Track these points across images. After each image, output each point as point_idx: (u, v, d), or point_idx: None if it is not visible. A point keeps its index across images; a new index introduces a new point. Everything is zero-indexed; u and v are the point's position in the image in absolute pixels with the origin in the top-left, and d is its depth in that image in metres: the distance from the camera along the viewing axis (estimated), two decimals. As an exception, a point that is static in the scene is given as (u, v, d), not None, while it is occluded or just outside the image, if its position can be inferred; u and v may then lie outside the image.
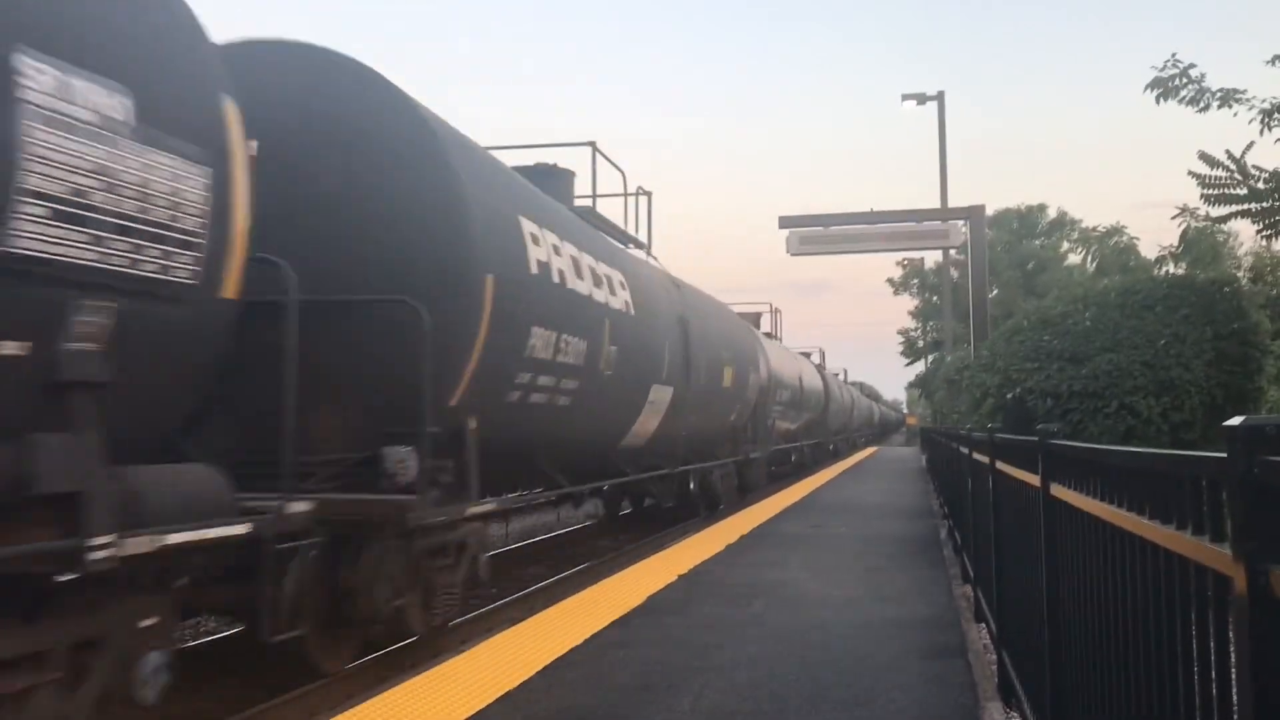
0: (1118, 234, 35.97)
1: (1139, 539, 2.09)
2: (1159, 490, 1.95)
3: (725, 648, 5.56)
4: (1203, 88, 10.13)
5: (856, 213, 22.35)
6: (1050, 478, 3.33)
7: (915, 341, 50.77)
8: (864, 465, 29.77)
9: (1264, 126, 9.88)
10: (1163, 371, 10.41)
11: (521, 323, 7.42)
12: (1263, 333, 11.13)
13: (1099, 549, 2.54)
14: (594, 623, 6.23)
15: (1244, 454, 1.43)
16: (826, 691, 4.66)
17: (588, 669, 5.11)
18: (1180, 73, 10.20)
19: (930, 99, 26.57)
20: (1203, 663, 1.72)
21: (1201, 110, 10.13)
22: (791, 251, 21.97)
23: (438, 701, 4.51)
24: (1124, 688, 2.29)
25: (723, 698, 4.57)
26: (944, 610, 6.69)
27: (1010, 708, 4.56)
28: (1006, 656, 4.82)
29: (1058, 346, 11.19)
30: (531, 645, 5.63)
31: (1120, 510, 2.24)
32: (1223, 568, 1.55)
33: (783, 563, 8.89)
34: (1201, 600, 1.72)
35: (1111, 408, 10.38)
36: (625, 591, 7.37)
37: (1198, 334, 10.72)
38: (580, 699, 4.57)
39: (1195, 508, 1.73)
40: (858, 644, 5.65)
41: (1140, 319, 11.10)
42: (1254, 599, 1.40)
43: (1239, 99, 9.99)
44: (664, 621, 6.30)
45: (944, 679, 4.89)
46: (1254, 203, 10.32)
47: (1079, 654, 2.91)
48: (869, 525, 12.22)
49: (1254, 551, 1.41)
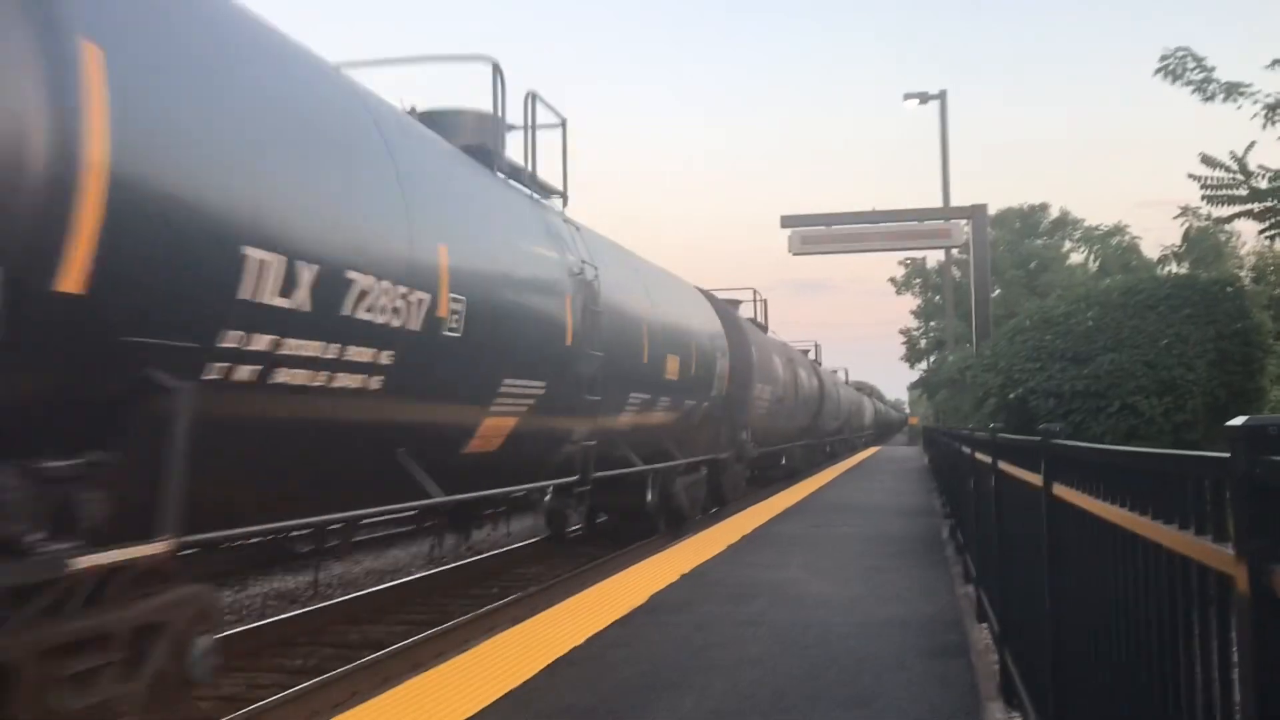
0: (1120, 233, 35.93)
1: (1141, 539, 2.09)
2: (1161, 490, 1.95)
3: (727, 647, 5.56)
4: (1210, 75, 10.12)
5: (858, 212, 22.34)
6: (1053, 478, 3.33)
7: (917, 341, 50.69)
8: (865, 465, 29.77)
9: (1267, 121, 9.87)
10: (1165, 371, 10.41)
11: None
12: (1265, 333, 11.13)
13: (1101, 549, 2.54)
14: (596, 622, 6.24)
15: (1246, 454, 1.44)
16: (828, 691, 4.66)
17: (590, 668, 5.11)
18: (1190, 54, 10.18)
19: (933, 98, 26.57)
20: (1205, 662, 1.72)
21: (1207, 99, 10.11)
22: (793, 251, 21.96)
23: (440, 700, 4.52)
24: (1126, 688, 2.29)
25: (725, 697, 4.57)
26: (946, 610, 6.68)
27: (1012, 707, 4.56)
28: (1009, 656, 4.82)
29: (1060, 346, 11.19)
30: (533, 644, 5.63)
31: (1123, 510, 2.24)
32: (1225, 567, 1.55)
33: (784, 563, 8.88)
34: (1204, 600, 1.72)
35: (1114, 408, 10.38)
36: (627, 591, 7.37)
37: (1200, 334, 10.72)
38: (582, 698, 4.57)
39: (1197, 508, 1.74)
40: (859, 643, 5.65)
41: (1143, 319, 11.09)
42: (1256, 598, 1.40)
43: (1244, 92, 9.98)
44: (666, 620, 6.30)
45: (946, 678, 4.89)
46: (1256, 202, 10.31)
47: (1081, 654, 2.92)
48: (871, 525, 12.21)
49: (1256, 551, 1.41)
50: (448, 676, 4.96)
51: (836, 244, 22.43)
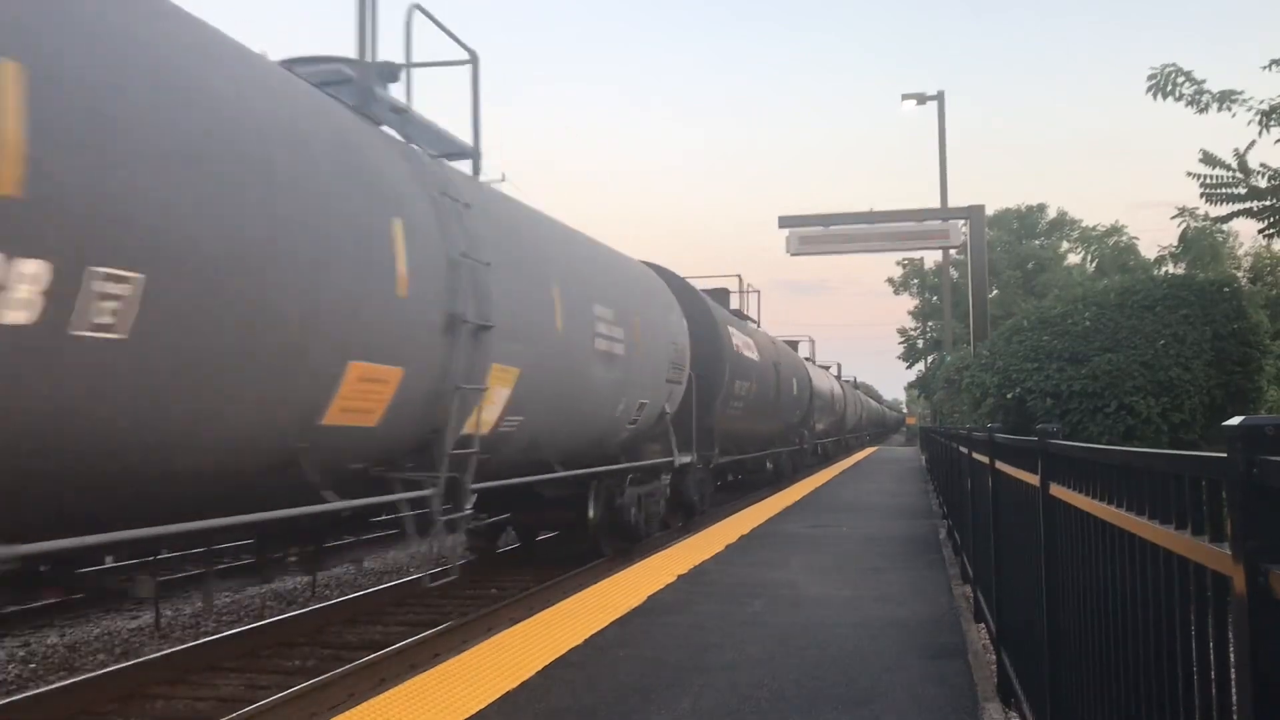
0: (1117, 234, 35.99)
1: (1138, 539, 2.09)
2: (1158, 490, 1.95)
3: (725, 648, 5.56)
4: (1201, 88, 10.13)
5: (856, 212, 22.33)
6: (1050, 478, 3.34)
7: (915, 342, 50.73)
8: (862, 466, 29.77)
9: (1262, 128, 9.88)
10: (1162, 372, 10.42)
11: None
12: (1262, 333, 11.12)
13: (1098, 549, 2.54)
14: (594, 623, 6.23)
15: (1243, 454, 1.44)
16: (826, 691, 4.67)
17: (588, 669, 5.11)
18: (1178, 70, 10.19)
19: (930, 99, 26.58)
20: (1202, 662, 1.72)
21: (1200, 111, 10.12)
22: (791, 251, 21.96)
23: (438, 701, 4.51)
24: (1123, 688, 2.30)
25: (723, 698, 4.57)
26: (944, 610, 6.69)
27: (1009, 708, 4.56)
28: (1006, 656, 4.82)
29: (1057, 346, 11.18)
30: (532, 646, 5.63)
31: (1120, 510, 2.25)
32: (1222, 568, 1.55)
33: (782, 563, 8.89)
34: (1201, 600, 1.72)
35: (1111, 408, 10.39)
36: (625, 592, 7.37)
37: (1197, 334, 10.72)
38: (581, 699, 4.57)
39: (1195, 508, 1.74)
40: (858, 644, 5.65)
41: (1140, 319, 11.09)
42: (1253, 599, 1.40)
43: (1237, 100, 9.99)
44: (664, 621, 6.30)
45: (943, 679, 4.89)
46: (1255, 201, 10.31)
47: (1078, 654, 2.92)
48: (869, 525, 12.22)
49: (1253, 551, 1.41)
50: (445, 677, 4.95)
51: (834, 244, 22.42)
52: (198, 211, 4.67)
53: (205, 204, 4.72)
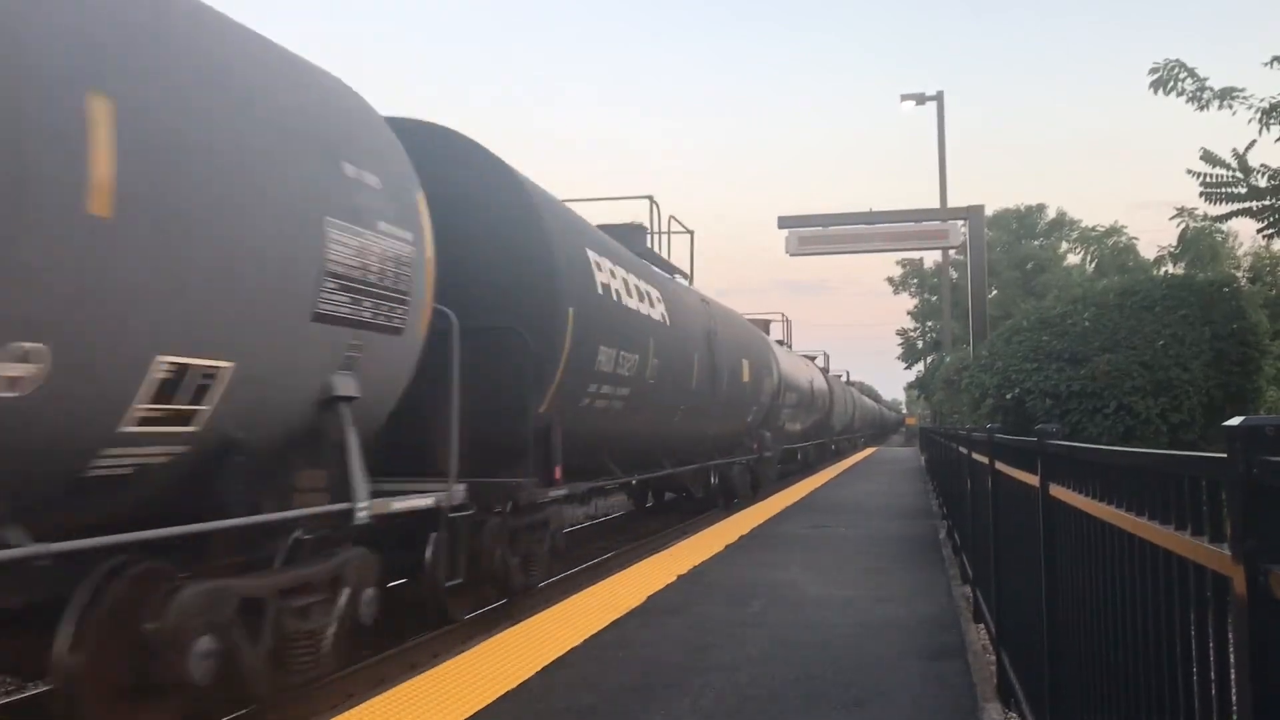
0: (1116, 234, 35.96)
1: (1138, 539, 2.09)
2: (1158, 490, 1.95)
3: (725, 648, 5.56)
4: (1203, 84, 10.12)
5: (856, 213, 22.36)
6: (1049, 478, 3.33)
7: (914, 342, 50.73)
8: (862, 466, 29.77)
9: (1263, 126, 9.87)
10: (1161, 372, 10.41)
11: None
12: (1262, 333, 11.11)
13: (1098, 549, 2.54)
14: (594, 623, 6.24)
15: (1243, 454, 1.43)
16: (826, 691, 4.67)
17: (587, 669, 5.11)
18: (1181, 66, 10.18)
19: (929, 99, 26.60)
20: (1202, 663, 1.72)
21: (1201, 108, 10.11)
22: (791, 251, 21.98)
23: (437, 702, 4.51)
24: (1123, 689, 2.29)
25: (722, 698, 4.57)
26: (943, 610, 6.69)
27: (1009, 708, 4.56)
28: (1005, 657, 4.82)
29: (1057, 347, 11.18)
30: (531, 645, 5.63)
31: (1119, 510, 2.24)
32: (1222, 568, 1.55)
33: (782, 563, 8.89)
34: (1200, 600, 1.72)
35: (1110, 408, 10.38)
36: (625, 592, 7.37)
37: (1196, 334, 10.72)
38: (580, 699, 4.57)
39: (1194, 508, 1.74)
40: (857, 644, 5.65)
41: (1139, 319, 11.09)
42: (1253, 599, 1.40)
43: (1237, 97, 9.98)
44: (664, 622, 6.30)
45: (943, 679, 4.90)
46: (1255, 200, 10.30)
47: (1078, 655, 2.92)
48: (869, 525, 12.22)
49: (1253, 551, 1.41)
50: (444, 678, 4.95)
51: (834, 245, 22.45)
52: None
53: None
